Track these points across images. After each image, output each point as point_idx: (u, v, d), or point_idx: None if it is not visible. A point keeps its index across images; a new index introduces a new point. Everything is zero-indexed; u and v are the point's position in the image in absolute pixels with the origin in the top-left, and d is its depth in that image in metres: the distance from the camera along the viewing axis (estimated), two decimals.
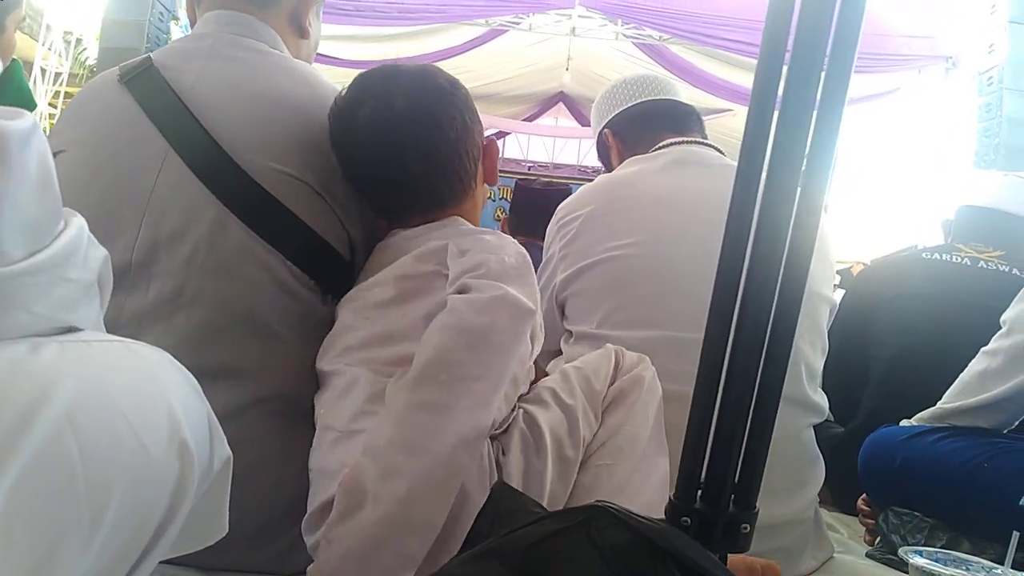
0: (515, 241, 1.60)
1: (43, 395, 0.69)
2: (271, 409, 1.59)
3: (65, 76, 13.38)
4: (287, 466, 1.57)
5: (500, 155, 1.91)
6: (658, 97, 2.48)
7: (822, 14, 0.92)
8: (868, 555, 2.30)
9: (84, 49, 14.38)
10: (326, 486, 1.39)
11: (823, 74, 0.94)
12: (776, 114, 0.95)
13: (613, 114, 2.53)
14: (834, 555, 2.16)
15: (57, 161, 1.62)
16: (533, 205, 3.89)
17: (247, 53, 1.77)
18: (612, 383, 1.55)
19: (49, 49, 12.83)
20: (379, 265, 1.63)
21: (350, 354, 1.52)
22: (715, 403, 1.00)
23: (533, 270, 1.57)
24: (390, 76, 1.68)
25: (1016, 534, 1.58)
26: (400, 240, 1.66)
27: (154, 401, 0.80)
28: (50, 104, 12.59)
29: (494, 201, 12.70)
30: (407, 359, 1.40)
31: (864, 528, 2.59)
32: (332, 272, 1.69)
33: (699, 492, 1.02)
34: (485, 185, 1.82)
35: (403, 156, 1.64)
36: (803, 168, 0.95)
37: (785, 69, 0.95)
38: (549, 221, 2.46)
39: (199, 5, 1.90)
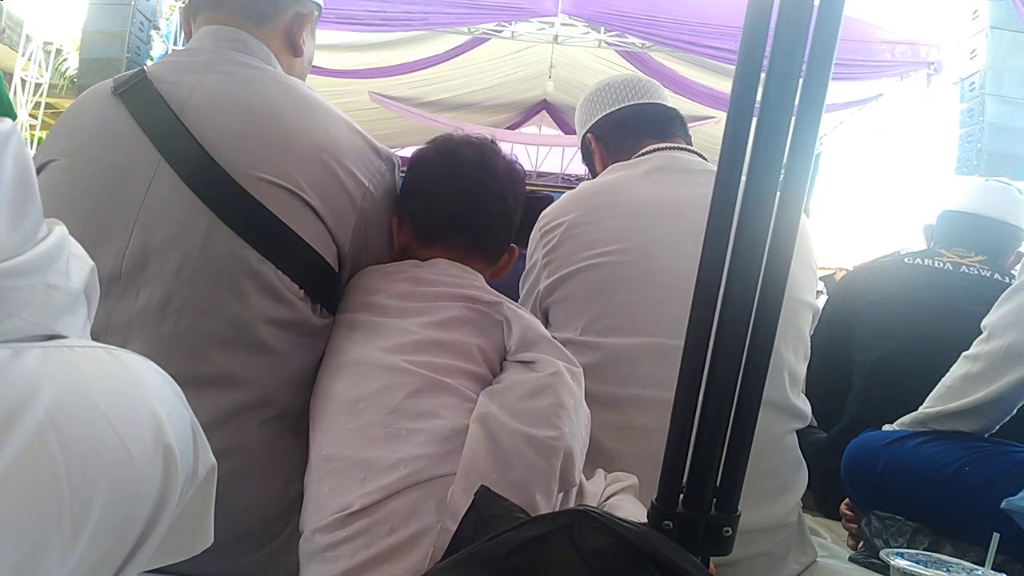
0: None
1: (25, 399, 0.69)
2: (260, 417, 1.59)
3: (45, 87, 13.34)
4: (275, 473, 1.57)
5: None
6: (641, 101, 2.46)
7: (799, 21, 0.93)
8: (851, 559, 2.30)
9: (64, 60, 14.33)
10: (362, 477, 1.43)
11: (801, 81, 0.95)
12: (755, 121, 0.96)
13: (595, 119, 2.51)
14: (817, 559, 2.17)
15: (50, 170, 1.63)
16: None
17: (241, 68, 1.78)
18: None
19: (29, 60, 12.79)
20: (426, 283, 1.71)
21: (403, 353, 1.55)
22: (696, 407, 1.01)
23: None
24: (487, 142, 1.93)
25: (996, 535, 1.59)
26: (450, 269, 1.76)
27: (138, 406, 0.80)
28: (30, 115, 12.55)
29: None
30: (453, 370, 1.55)
31: (847, 532, 2.60)
32: (321, 283, 1.69)
33: (681, 496, 1.02)
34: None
35: (491, 201, 1.84)
36: (782, 174, 0.96)
37: (763, 76, 0.96)
38: (530, 230, 2.47)
39: (194, 20, 1.90)
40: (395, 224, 1.85)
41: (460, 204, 1.82)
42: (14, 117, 5.23)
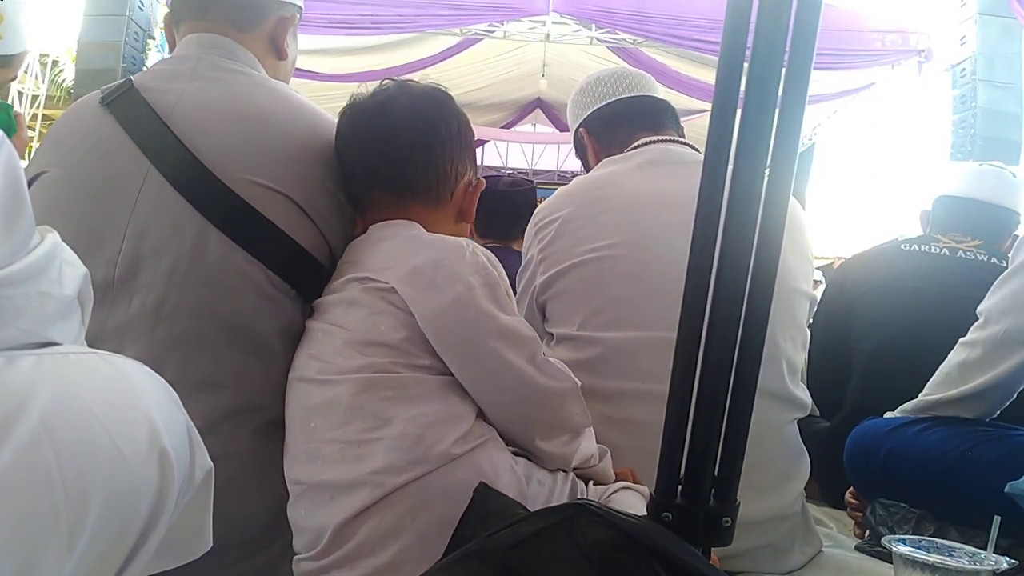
0: (471, 242, 1.64)
1: (20, 405, 0.70)
2: (255, 419, 1.60)
3: (42, 99, 13.36)
4: (272, 476, 1.57)
5: (480, 162, 1.93)
6: (632, 94, 2.46)
7: (780, 11, 0.93)
8: (857, 548, 2.30)
9: (61, 71, 14.35)
10: (329, 497, 1.43)
11: (783, 71, 0.95)
12: (739, 112, 0.96)
13: (587, 113, 2.50)
14: (823, 549, 2.17)
15: (41, 181, 1.64)
16: (500, 208, 3.86)
17: (227, 73, 1.79)
18: None
19: (26, 72, 12.79)
20: (347, 268, 1.66)
21: (336, 359, 1.52)
22: (691, 397, 1.01)
23: (496, 267, 1.61)
24: (403, 83, 1.80)
25: (998, 519, 1.59)
26: (363, 245, 1.69)
27: (132, 411, 0.80)
28: (28, 127, 12.55)
29: None
30: (387, 366, 1.47)
31: (853, 521, 2.60)
32: (313, 282, 1.70)
33: (679, 488, 1.02)
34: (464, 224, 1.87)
35: (396, 133, 1.71)
36: (768, 163, 0.96)
37: (746, 67, 0.96)
38: (517, 223, 2.45)
39: (178, 28, 1.91)
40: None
41: (365, 153, 1.73)
42: (15, 131, 5.25)
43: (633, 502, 1.59)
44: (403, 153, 1.72)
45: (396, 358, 1.48)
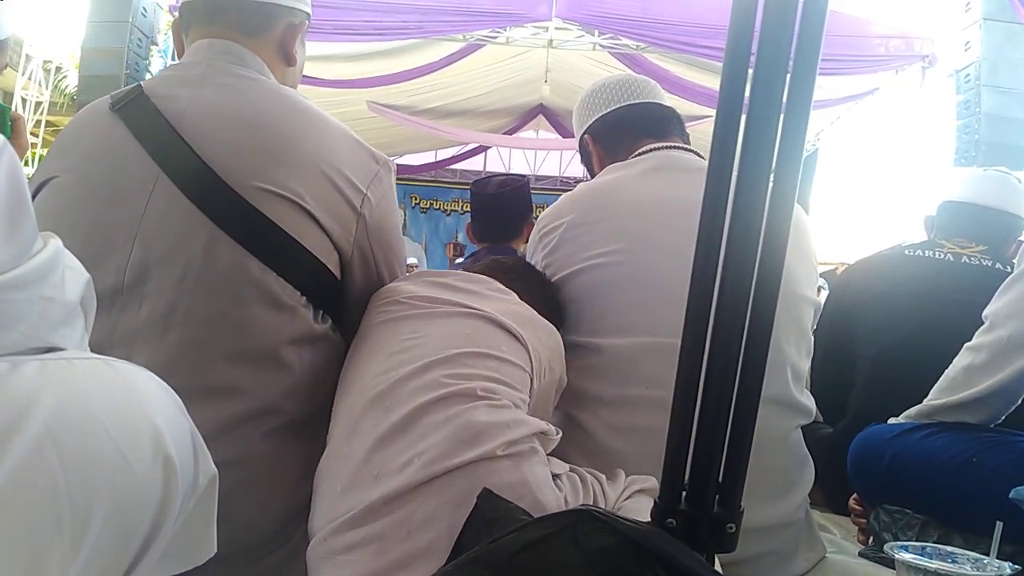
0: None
1: (24, 411, 0.70)
2: (264, 426, 1.60)
3: (46, 105, 13.38)
4: (280, 482, 1.58)
5: (483, 168, 2.06)
6: (637, 101, 2.45)
7: (784, 16, 0.93)
8: (861, 554, 2.29)
9: (64, 77, 14.38)
10: (375, 473, 1.44)
11: (788, 76, 0.95)
12: (743, 117, 0.96)
13: (592, 120, 2.50)
14: (826, 555, 2.16)
15: (51, 187, 1.65)
16: (494, 210, 3.90)
17: (236, 80, 1.79)
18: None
19: (29, 79, 12.83)
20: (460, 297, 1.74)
21: (446, 350, 1.57)
22: (695, 404, 1.01)
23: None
24: None
25: (1000, 524, 1.58)
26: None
27: (136, 417, 0.80)
28: (31, 133, 12.58)
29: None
30: (491, 380, 1.55)
31: (857, 528, 2.59)
32: (324, 290, 1.71)
33: (683, 494, 1.02)
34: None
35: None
36: (772, 169, 0.96)
37: (751, 72, 0.96)
38: (509, 225, 2.47)
39: (187, 34, 1.90)
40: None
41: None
42: (6, 133, 5.27)
43: (644, 508, 1.60)
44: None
45: (507, 378, 1.57)
